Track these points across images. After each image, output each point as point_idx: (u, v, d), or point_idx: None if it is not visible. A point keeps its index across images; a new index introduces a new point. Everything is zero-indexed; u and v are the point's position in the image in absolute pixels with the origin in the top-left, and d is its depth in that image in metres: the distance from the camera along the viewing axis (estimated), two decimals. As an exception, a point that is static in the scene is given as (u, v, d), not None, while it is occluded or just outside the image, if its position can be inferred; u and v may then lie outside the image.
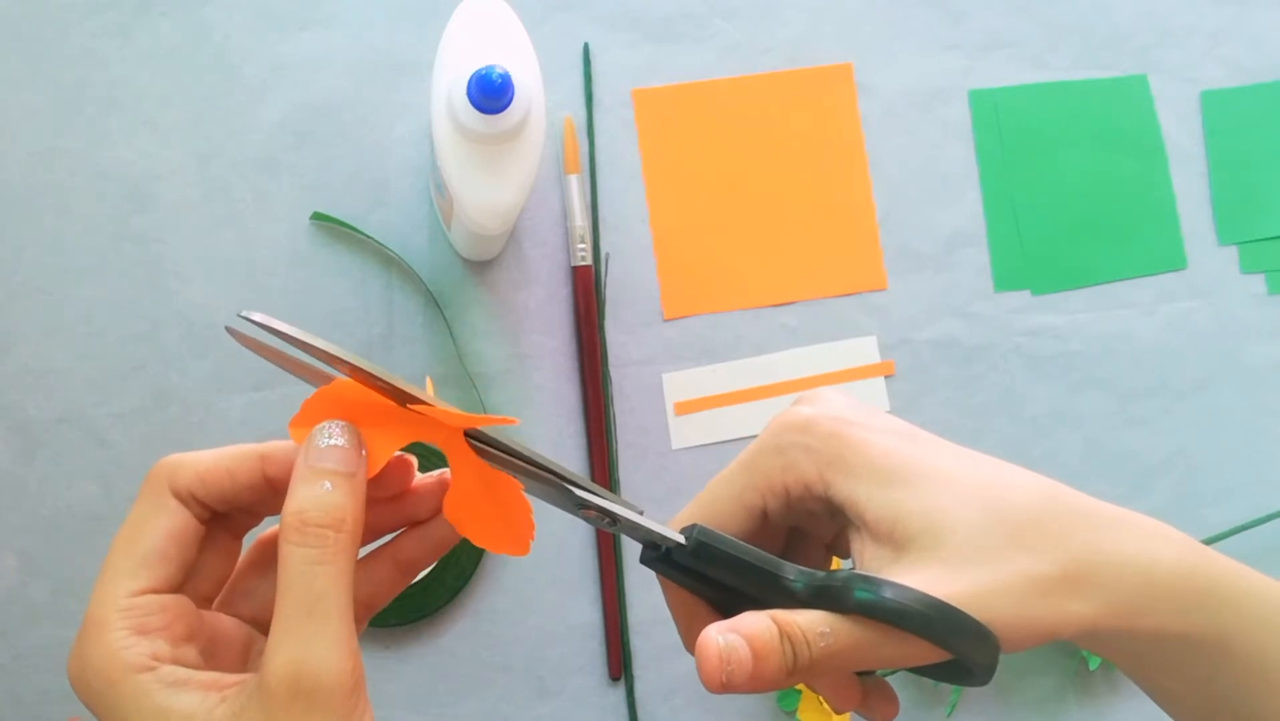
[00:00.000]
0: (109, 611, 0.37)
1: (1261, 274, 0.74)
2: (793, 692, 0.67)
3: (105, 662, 0.36)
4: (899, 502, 0.39)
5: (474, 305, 0.69)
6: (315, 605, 0.35)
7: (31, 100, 0.68)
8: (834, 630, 0.37)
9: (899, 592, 0.37)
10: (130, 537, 0.38)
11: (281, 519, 0.36)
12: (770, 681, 0.38)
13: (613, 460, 0.69)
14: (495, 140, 0.57)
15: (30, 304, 0.67)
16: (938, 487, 0.39)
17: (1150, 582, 0.38)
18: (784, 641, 0.37)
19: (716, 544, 0.40)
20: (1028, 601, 0.37)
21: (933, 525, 0.38)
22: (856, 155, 0.73)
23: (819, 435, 0.41)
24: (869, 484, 0.39)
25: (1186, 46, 0.76)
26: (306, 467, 0.37)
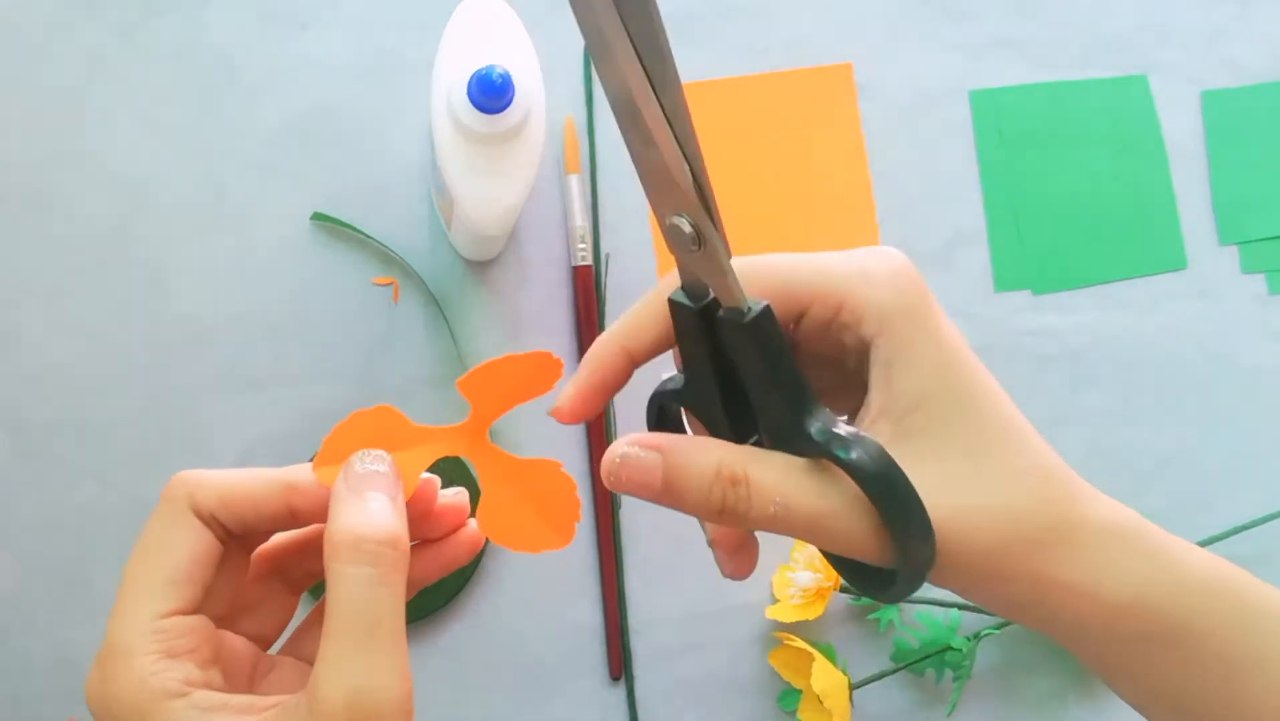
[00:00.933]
0: (135, 635, 0.35)
1: (1261, 274, 0.74)
2: (793, 692, 0.67)
3: (135, 690, 0.34)
4: (937, 392, 0.37)
5: (474, 305, 0.69)
6: (376, 628, 0.34)
7: (32, 100, 0.68)
8: (788, 500, 0.36)
9: (865, 444, 0.35)
10: (153, 557, 0.37)
11: (329, 540, 0.35)
12: (685, 508, 0.37)
13: (613, 460, 0.69)
14: (495, 140, 0.57)
15: (30, 304, 0.67)
16: (982, 412, 0.37)
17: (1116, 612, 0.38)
18: (719, 487, 0.36)
19: (776, 324, 0.36)
20: (996, 524, 0.36)
21: (949, 431, 0.36)
22: (856, 155, 0.73)
23: (911, 280, 0.38)
24: (922, 358, 0.37)
25: (1186, 46, 0.76)
26: (348, 490, 0.36)
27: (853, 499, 0.36)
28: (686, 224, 0.35)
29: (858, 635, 0.69)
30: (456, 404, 0.65)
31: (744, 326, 0.36)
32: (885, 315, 0.37)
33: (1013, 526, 0.36)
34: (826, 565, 0.67)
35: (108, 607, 0.66)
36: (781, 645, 0.67)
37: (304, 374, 0.68)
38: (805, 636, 0.67)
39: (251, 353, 0.67)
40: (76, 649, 0.65)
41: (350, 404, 0.67)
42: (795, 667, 0.66)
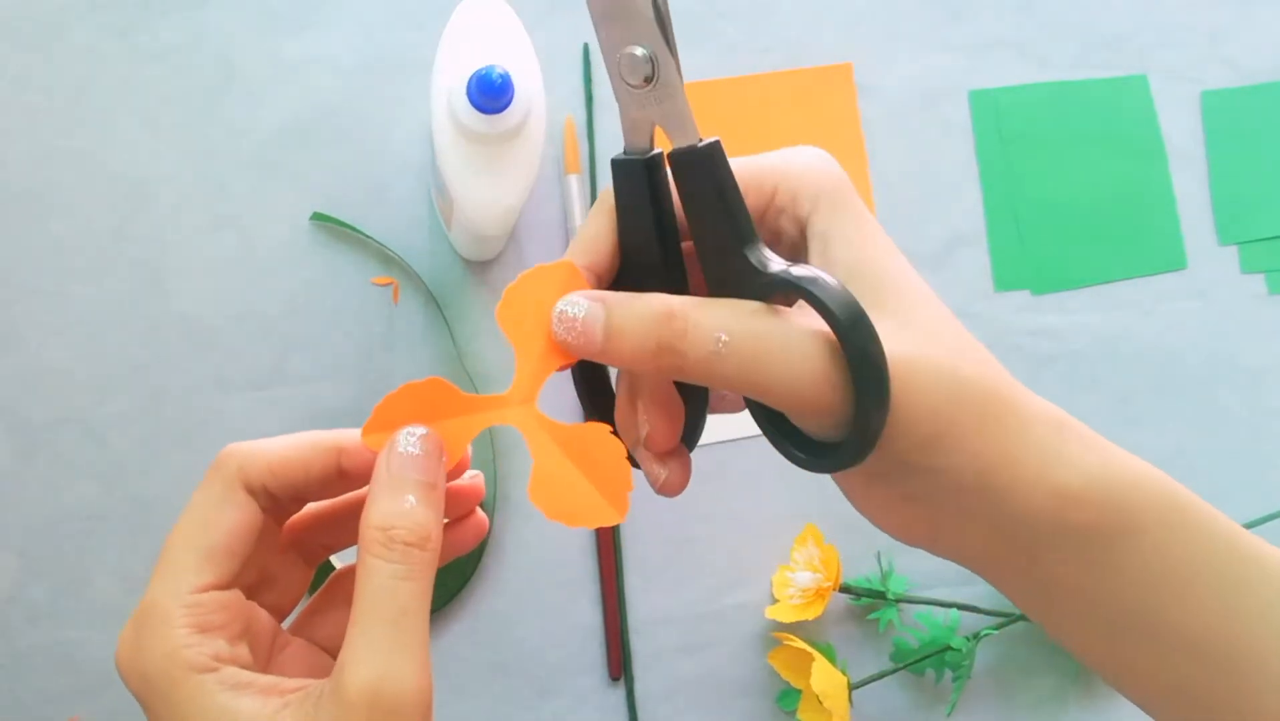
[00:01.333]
0: (172, 605, 0.36)
1: (1261, 274, 0.74)
2: (793, 692, 0.67)
3: (167, 660, 0.35)
4: (870, 261, 0.37)
5: (474, 305, 0.69)
6: (400, 620, 0.34)
7: (32, 100, 0.68)
8: (732, 336, 0.35)
9: (833, 286, 0.35)
10: (196, 529, 0.37)
11: (364, 529, 0.36)
12: (624, 357, 0.36)
13: (613, 460, 0.69)
14: (495, 140, 0.57)
15: (30, 304, 0.67)
16: (915, 288, 0.38)
17: (1062, 500, 0.36)
18: (657, 325, 0.35)
19: (724, 158, 0.36)
20: (941, 382, 0.35)
21: (886, 298, 0.37)
22: (856, 155, 0.73)
23: (833, 166, 0.39)
24: (855, 231, 0.38)
25: (1186, 46, 0.76)
26: (389, 476, 0.36)
27: (801, 339, 0.35)
28: (640, 51, 0.35)
29: (857, 635, 0.69)
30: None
31: (697, 154, 0.36)
32: (819, 194, 0.38)
33: (957, 387, 0.36)
34: (826, 565, 0.67)
35: (108, 607, 0.66)
36: (781, 645, 0.67)
37: (304, 374, 0.68)
38: (805, 636, 0.67)
39: (251, 353, 0.67)
40: (76, 649, 0.65)
41: (350, 404, 0.67)
42: (795, 667, 0.66)
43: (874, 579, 0.69)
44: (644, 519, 0.69)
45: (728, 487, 0.70)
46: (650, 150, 0.38)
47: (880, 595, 0.68)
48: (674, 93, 0.36)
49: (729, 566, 0.69)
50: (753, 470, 0.70)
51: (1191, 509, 0.38)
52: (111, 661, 0.66)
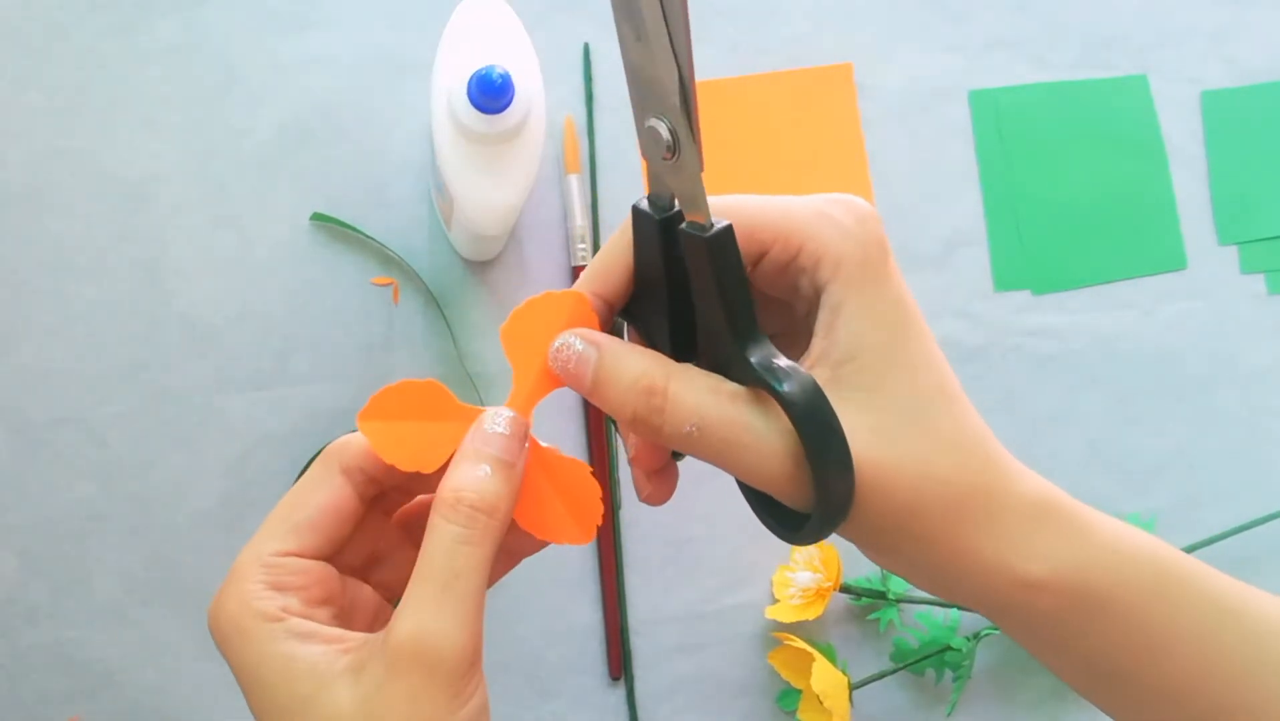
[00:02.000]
0: (251, 565, 0.38)
1: (1261, 274, 0.74)
2: (793, 692, 0.67)
3: (237, 609, 0.37)
4: (872, 345, 0.37)
5: (474, 305, 0.69)
6: (453, 581, 0.36)
7: (32, 100, 0.68)
8: (705, 422, 0.37)
9: (799, 377, 0.36)
10: (290, 505, 0.40)
11: (438, 493, 0.38)
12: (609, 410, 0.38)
13: (613, 460, 0.69)
14: (495, 140, 0.57)
15: (30, 304, 0.67)
16: (917, 373, 0.37)
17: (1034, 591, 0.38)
18: (635, 394, 0.37)
19: (735, 246, 0.37)
20: (915, 483, 0.36)
21: (881, 385, 0.37)
22: (856, 155, 0.73)
23: (872, 232, 0.38)
24: (868, 310, 0.37)
25: (1186, 46, 0.76)
26: (471, 448, 0.38)
27: (775, 430, 0.36)
28: (664, 128, 0.36)
29: (857, 635, 0.69)
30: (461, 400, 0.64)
31: (704, 241, 0.36)
32: (841, 262, 0.37)
33: (930, 488, 0.37)
34: (826, 565, 0.67)
35: (108, 607, 0.66)
36: (781, 645, 0.67)
37: (304, 374, 0.68)
38: (805, 636, 0.67)
39: (252, 353, 0.67)
40: (76, 649, 0.65)
41: (350, 404, 0.67)
42: (795, 667, 0.66)
43: (874, 579, 0.69)
44: (644, 519, 0.69)
45: (728, 488, 0.70)
46: (670, 209, 0.38)
47: (880, 595, 0.68)
48: (691, 174, 0.37)
49: (729, 566, 0.69)
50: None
51: (1173, 572, 0.39)
52: (111, 661, 0.67)
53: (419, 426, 0.39)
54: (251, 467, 0.67)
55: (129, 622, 0.65)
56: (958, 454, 0.37)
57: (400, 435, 0.39)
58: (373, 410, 0.39)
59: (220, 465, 0.67)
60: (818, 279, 0.38)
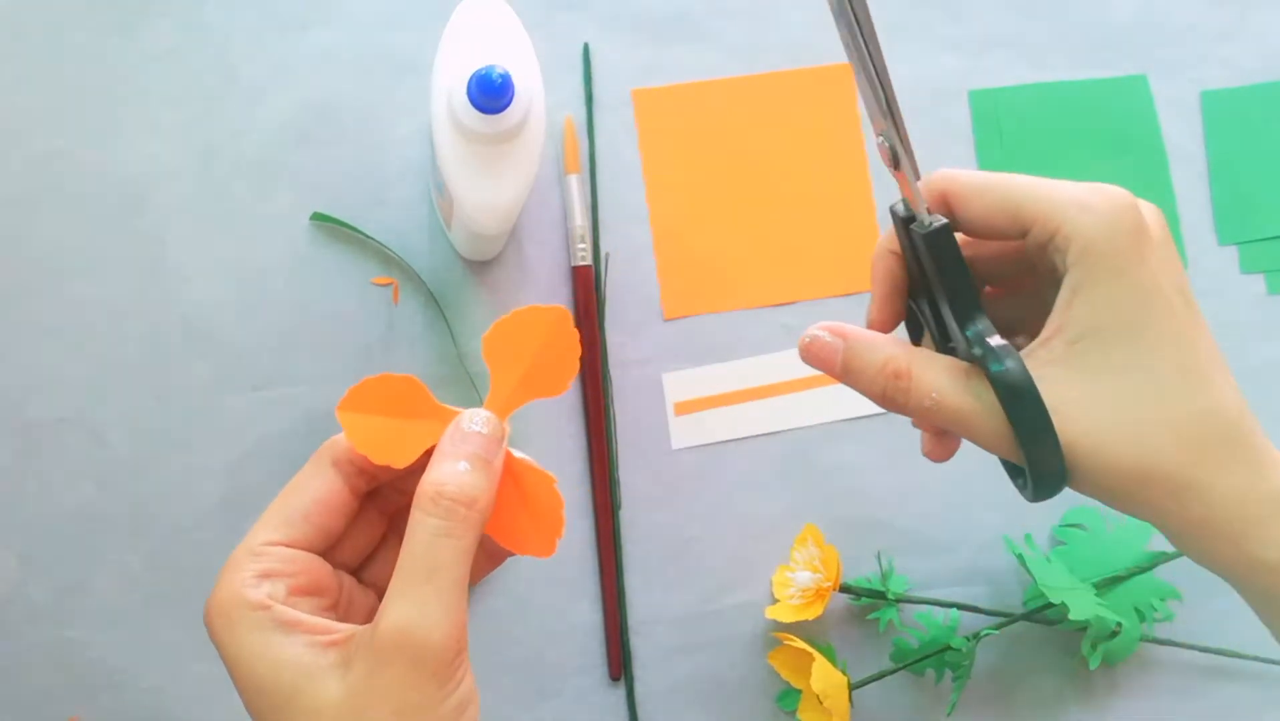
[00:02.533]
0: (243, 555, 0.40)
1: (1261, 274, 0.74)
2: (793, 692, 0.67)
3: (227, 597, 0.39)
4: (1105, 325, 0.40)
5: (474, 305, 0.69)
6: (434, 573, 0.37)
7: (31, 100, 0.68)
8: (941, 396, 0.41)
9: (1006, 356, 0.41)
10: (283, 498, 0.41)
11: (419, 488, 0.39)
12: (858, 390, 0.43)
13: (613, 460, 0.69)
14: (495, 140, 0.57)
15: (30, 304, 0.67)
16: (1152, 352, 0.40)
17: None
18: (884, 377, 0.42)
19: (950, 240, 0.42)
20: (1135, 449, 0.39)
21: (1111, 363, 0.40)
22: (856, 155, 0.73)
23: (1127, 219, 0.41)
24: (1105, 292, 0.40)
25: (1186, 46, 0.76)
26: (450, 446, 0.40)
27: (994, 407, 0.40)
28: (887, 145, 0.42)
29: (857, 635, 0.69)
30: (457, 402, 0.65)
31: (924, 236, 0.42)
32: (1087, 247, 0.40)
33: (1151, 464, 0.39)
34: (826, 565, 0.67)
35: (108, 607, 0.66)
36: (781, 645, 0.67)
37: (304, 374, 0.68)
38: (805, 636, 0.67)
39: (251, 352, 0.67)
40: (76, 649, 0.65)
41: (350, 404, 0.67)
42: (795, 667, 0.66)
43: (874, 579, 0.69)
44: (644, 519, 0.69)
45: (728, 487, 0.70)
46: (906, 212, 0.44)
47: (880, 595, 0.68)
48: (909, 179, 0.42)
49: (729, 566, 0.69)
50: (753, 470, 0.70)
51: None
52: (111, 661, 0.67)
53: (395, 422, 0.40)
54: (251, 467, 0.67)
55: (129, 622, 0.65)
56: (1181, 433, 0.40)
57: (376, 428, 0.40)
58: (351, 401, 0.40)
59: (220, 465, 0.67)
60: (1067, 261, 0.41)
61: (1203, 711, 0.69)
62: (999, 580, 0.70)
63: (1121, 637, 0.67)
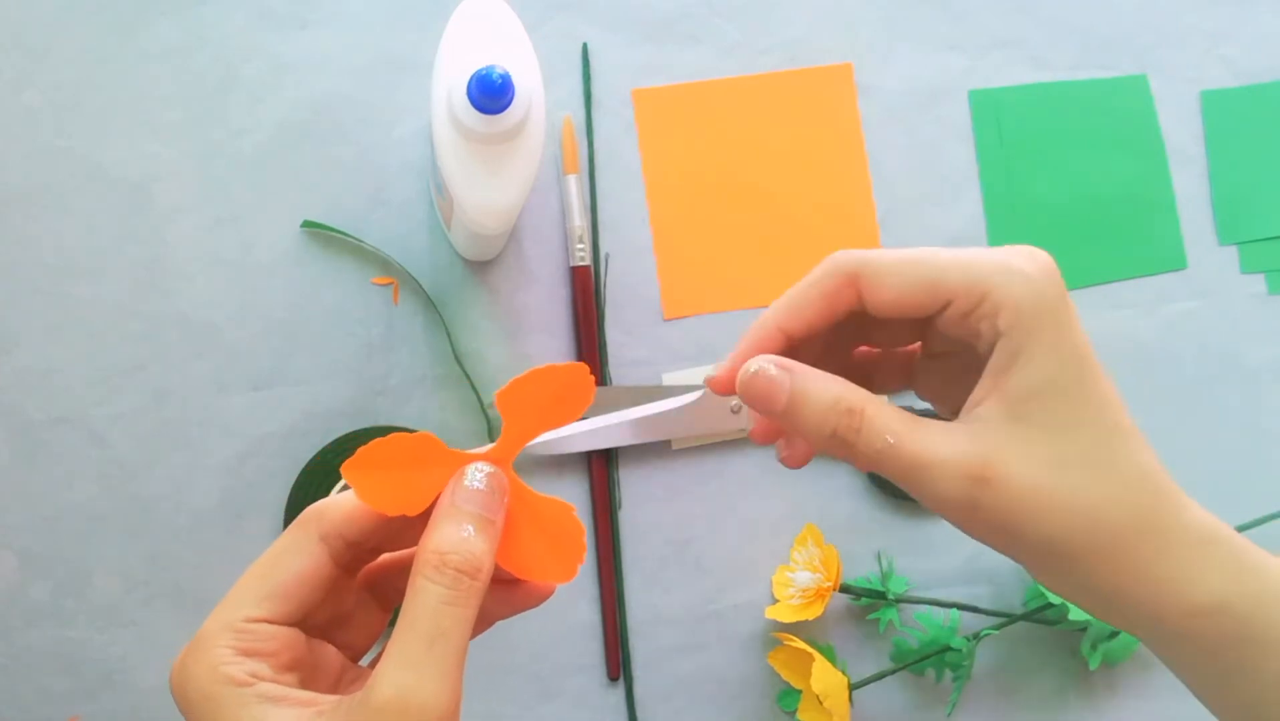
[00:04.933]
0: (220, 632, 0.38)
1: (1261, 274, 0.74)
2: (793, 692, 0.67)
3: (206, 675, 0.37)
4: (1040, 386, 0.39)
5: (474, 305, 0.69)
6: (436, 640, 0.36)
7: (32, 100, 0.68)
8: (899, 440, 0.39)
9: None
10: (264, 569, 0.39)
11: (420, 551, 0.38)
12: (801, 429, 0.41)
13: (613, 461, 0.69)
14: (495, 140, 0.57)
15: (30, 304, 0.67)
16: (1094, 413, 0.40)
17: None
18: (835, 415, 0.40)
19: None
20: (1088, 513, 0.39)
21: (1059, 423, 0.39)
22: (856, 155, 0.73)
23: (1052, 282, 0.41)
24: (1050, 353, 0.40)
25: (1186, 46, 0.75)
26: (453, 506, 0.38)
27: (955, 452, 0.39)
28: None
29: (857, 635, 0.69)
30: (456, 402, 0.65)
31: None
32: (1022, 311, 0.40)
33: (1104, 518, 0.39)
34: (826, 565, 0.67)
35: (108, 607, 0.66)
36: (781, 645, 0.67)
37: (304, 374, 0.68)
38: (805, 636, 0.67)
39: (251, 353, 0.67)
40: (76, 649, 0.65)
41: (350, 404, 0.67)
42: (795, 667, 0.66)
43: (874, 579, 0.69)
44: (644, 519, 0.69)
45: (728, 487, 0.70)
46: None
47: (880, 595, 0.68)
48: None
49: (729, 566, 0.69)
50: (753, 470, 0.70)
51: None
52: (111, 661, 0.67)
53: (406, 474, 0.39)
54: (251, 467, 0.67)
55: (129, 622, 0.65)
56: (1131, 488, 0.39)
57: (386, 481, 0.39)
58: (359, 460, 0.39)
59: (220, 465, 0.67)
60: (998, 325, 0.40)
61: (1202, 711, 0.69)
62: (999, 580, 0.70)
63: (1121, 638, 0.67)
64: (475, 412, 0.68)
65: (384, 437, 0.39)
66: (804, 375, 0.41)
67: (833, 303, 0.43)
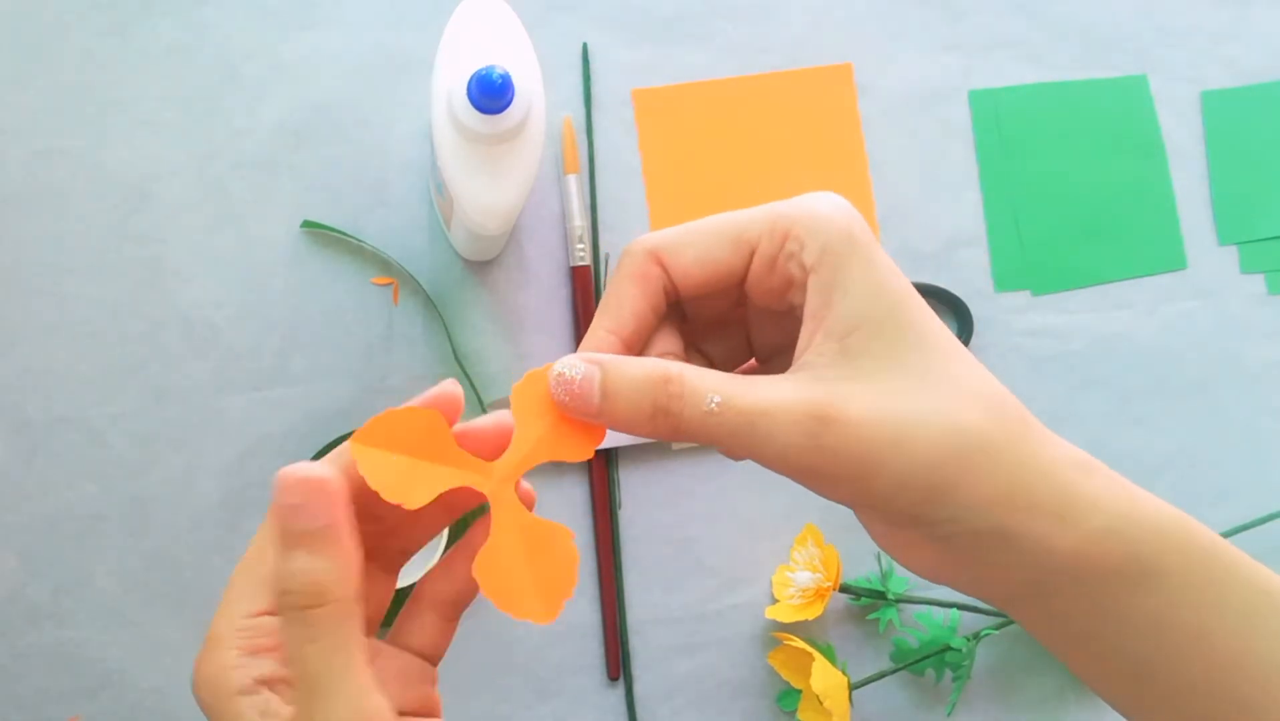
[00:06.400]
0: (225, 629, 0.37)
1: (1261, 274, 0.74)
2: (793, 692, 0.67)
3: (215, 679, 0.36)
4: (872, 312, 0.37)
5: (474, 305, 0.69)
6: (315, 687, 0.35)
7: (31, 100, 0.68)
8: (728, 396, 0.36)
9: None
10: (253, 558, 0.38)
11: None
12: (619, 419, 0.37)
13: (612, 461, 0.69)
14: (495, 140, 0.57)
15: (30, 304, 0.67)
16: (924, 335, 0.37)
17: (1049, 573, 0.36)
18: (651, 386, 0.36)
19: None
20: (943, 437, 0.35)
21: (892, 349, 0.36)
22: (856, 155, 0.73)
23: (850, 213, 0.38)
24: (863, 280, 0.37)
25: (1186, 46, 0.76)
26: (280, 526, 0.36)
27: (796, 395, 0.36)
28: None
29: (857, 635, 0.69)
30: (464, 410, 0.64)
31: None
32: (828, 241, 0.37)
33: (960, 439, 0.35)
34: (826, 565, 0.67)
35: (108, 607, 0.66)
36: (781, 645, 0.67)
37: (304, 374, 0.68)
38: (805, 636, 0.67)
39: (251, 353, 0.67)
40: (76, 649, 0.65)
41: (350, 404, 0.67)
42: (795, 667, 0.66)
43: (874, 579, 0.69)
44: (644, 519, 0.69)
45: (728, 487, 0.70)
46: None
47: (880, 595, 0.68)
48: None
49: (729, 566, 0.69)
50: (752, 470, 0.70)
51: (1213, 554, 0.38)
52: (111, 661, 0.67)
53: (411, 461, 0.37)
54: (251, 467, 0.67)
55: (129, 622, 0.65)
56: (984, 402, 0.36)
57: (391, 466, 0.37)
58: (369, 434, 0.37)
59: (220, 465, 0.67)
60: (805, 260, 0.38)
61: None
62: (999, 580, 0.70)
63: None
64: (476, 413, 0.68)
65: (395, 410, 0.37)
66: (612, 360, 0.37)
67: (645, 289, 0.39)
